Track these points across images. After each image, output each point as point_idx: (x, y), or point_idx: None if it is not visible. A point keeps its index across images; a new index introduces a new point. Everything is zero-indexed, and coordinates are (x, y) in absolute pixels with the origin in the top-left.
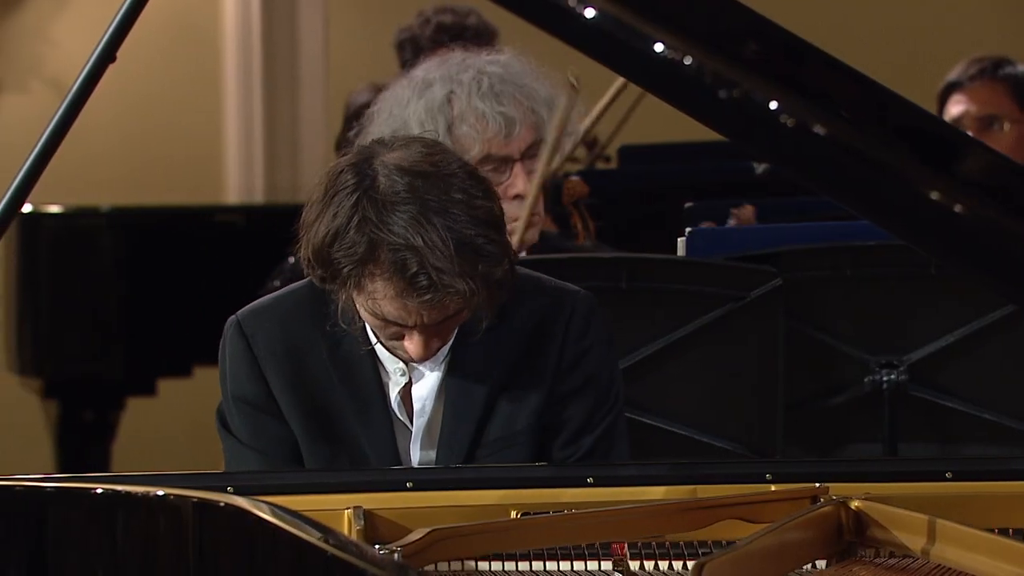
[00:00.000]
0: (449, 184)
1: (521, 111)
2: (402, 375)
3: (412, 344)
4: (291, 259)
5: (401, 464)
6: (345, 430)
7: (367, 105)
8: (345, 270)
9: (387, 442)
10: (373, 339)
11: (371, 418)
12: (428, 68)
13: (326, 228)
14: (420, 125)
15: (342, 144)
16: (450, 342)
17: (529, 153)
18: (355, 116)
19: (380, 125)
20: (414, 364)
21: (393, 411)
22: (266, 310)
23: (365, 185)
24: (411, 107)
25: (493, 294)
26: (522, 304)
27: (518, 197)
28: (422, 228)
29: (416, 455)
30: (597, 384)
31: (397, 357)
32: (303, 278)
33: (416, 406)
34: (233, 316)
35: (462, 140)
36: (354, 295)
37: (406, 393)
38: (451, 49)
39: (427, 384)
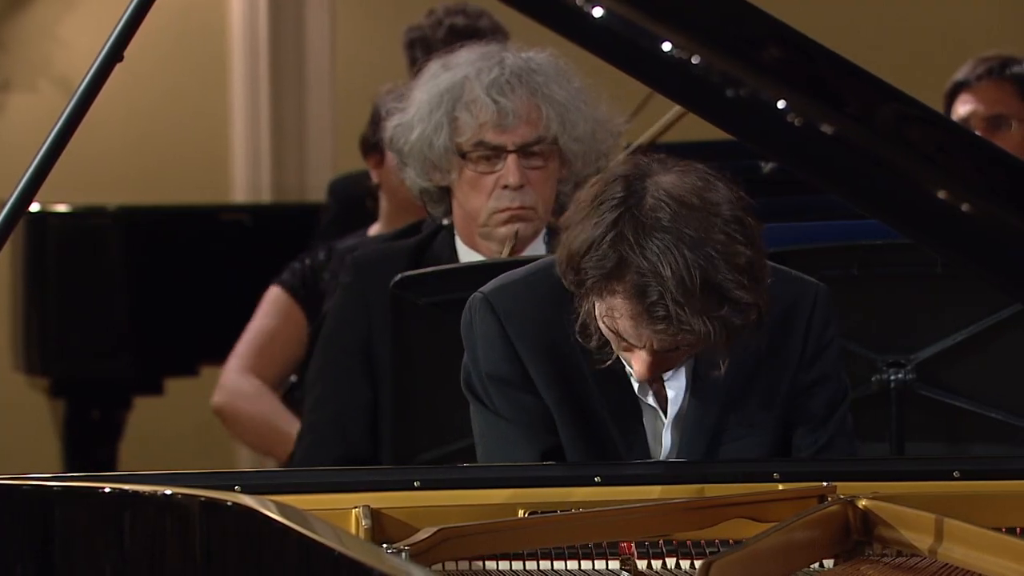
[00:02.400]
0: (712, 223)
1: (523, 106)
2: None
3: (637, 362)
4: (296, 264)
5: (649, 450)
6: (593, 412)
7: (376, 107)
8: (590, 281)
9: (635, 428)
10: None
11: (619, 404)
12: (460, 54)
13: (584, 236)
14: (418, 107)
15: (367, 143)
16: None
17: (529, 149)
18: (372, 114)
19: (403, 107)
20: None
21: (641, 397)
22: (515, 287)
23: (631, 202)
24: (422, 89)
25: (731, 339)
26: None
27: (506, 188)
28: (673, 259)
29: (667, 441)
30: (836, 375)
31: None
32: (305, 280)
33: (670, 394)
34: (478, 292)
35: (458, 123)
36: (595, 305)
37: (661, 383)
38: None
39: (680, 374)
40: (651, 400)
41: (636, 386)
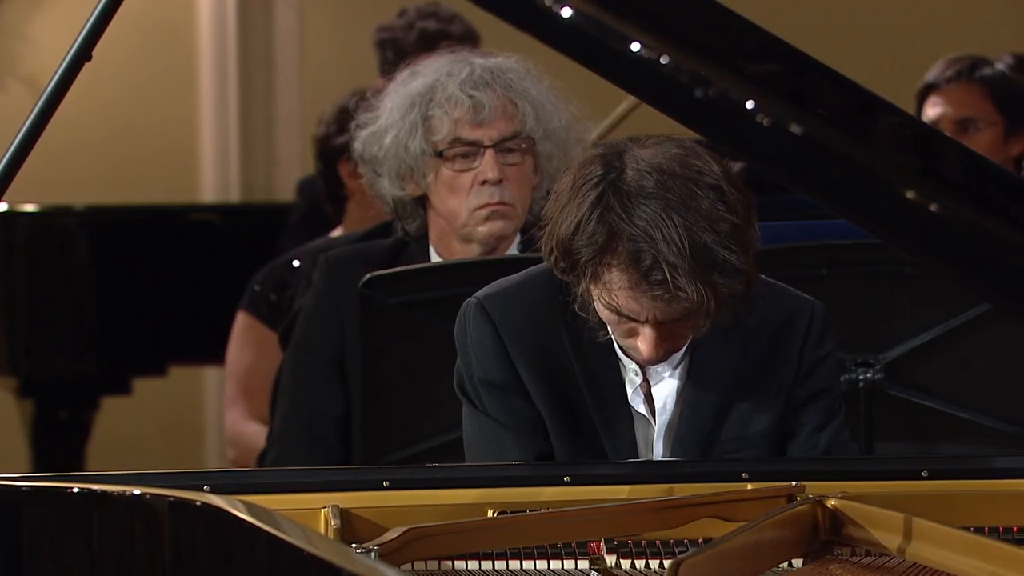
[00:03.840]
0: (696, 190)
1: (498, 100)
2: (636, 375)
3: (644, 342)
4: (255, 285)
5: (640, 458)
6: (585, 419)
7: (346, 109)
8: (583, 259)
9: (625, 436)
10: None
11: (610, 411)
12: (428, 62)
13: (570, 218)
14: (389, 112)
15: (337, 147)
16: (685, 347)
17: (505, 145)
18: (341, 118)
19: (373, 117)
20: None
21: (632, 406)
22: (509, 293)
23: (611, 177)
24: (392, 96)
25: (723, 308)
26: (760, 309)
27: (485, 183)
28: (663, 223)
29: (659, 450)
30: (831, 390)
31: (631, 359)
32: (270, 300)
33: (658, 404)
34: (473, 298)
35: (432, 123)
36: (591, 287)
37: (648, 391)
38: (453, 50)
39: (669, 384)
40: (642, 408)
41: (629, 392)
